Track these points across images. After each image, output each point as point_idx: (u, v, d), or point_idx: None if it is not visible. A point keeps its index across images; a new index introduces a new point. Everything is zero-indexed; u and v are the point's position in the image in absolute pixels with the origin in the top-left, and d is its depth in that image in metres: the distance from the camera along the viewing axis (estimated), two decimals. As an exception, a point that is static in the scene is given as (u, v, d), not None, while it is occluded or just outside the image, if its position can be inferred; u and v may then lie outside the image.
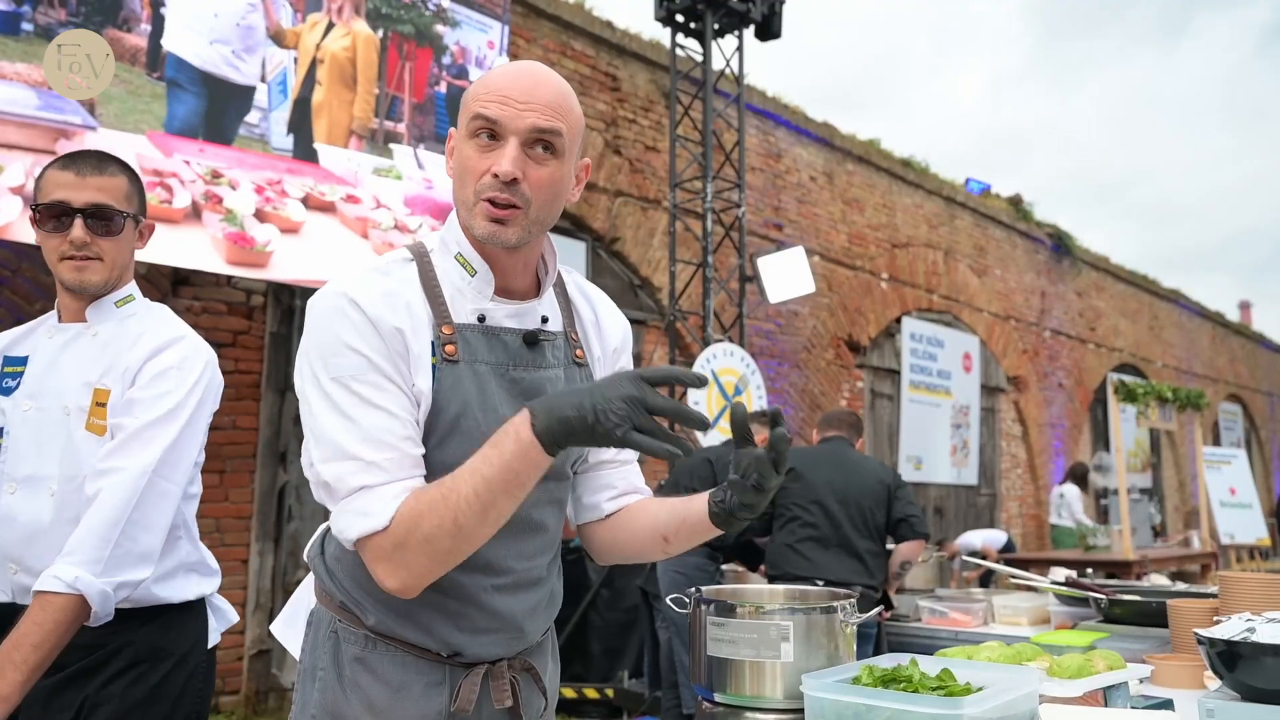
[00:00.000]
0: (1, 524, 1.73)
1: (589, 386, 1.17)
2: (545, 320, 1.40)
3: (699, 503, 1.37)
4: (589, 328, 1.48)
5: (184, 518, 1.84)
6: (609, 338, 1.50)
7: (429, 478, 1.26)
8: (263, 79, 5.05)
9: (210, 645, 1.88)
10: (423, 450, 1.27)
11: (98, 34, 4.37)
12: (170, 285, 5.13)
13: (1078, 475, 9.92)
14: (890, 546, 4.31)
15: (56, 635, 1.56)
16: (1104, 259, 14.41)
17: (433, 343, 1.29)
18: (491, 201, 1.27)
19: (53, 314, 1.89)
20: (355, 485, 1.21)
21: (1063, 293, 13.36)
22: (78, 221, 1.75)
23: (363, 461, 1.21)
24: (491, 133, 1.27)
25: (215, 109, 4.86)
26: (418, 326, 1.28)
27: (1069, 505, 9.52)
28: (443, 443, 1.28)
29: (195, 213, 4.69)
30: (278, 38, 5.13)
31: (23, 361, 1.83)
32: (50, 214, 1.76)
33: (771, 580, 4.15)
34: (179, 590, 1.81)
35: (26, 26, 4.29)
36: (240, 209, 4.83)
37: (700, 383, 1.17)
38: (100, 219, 1.77)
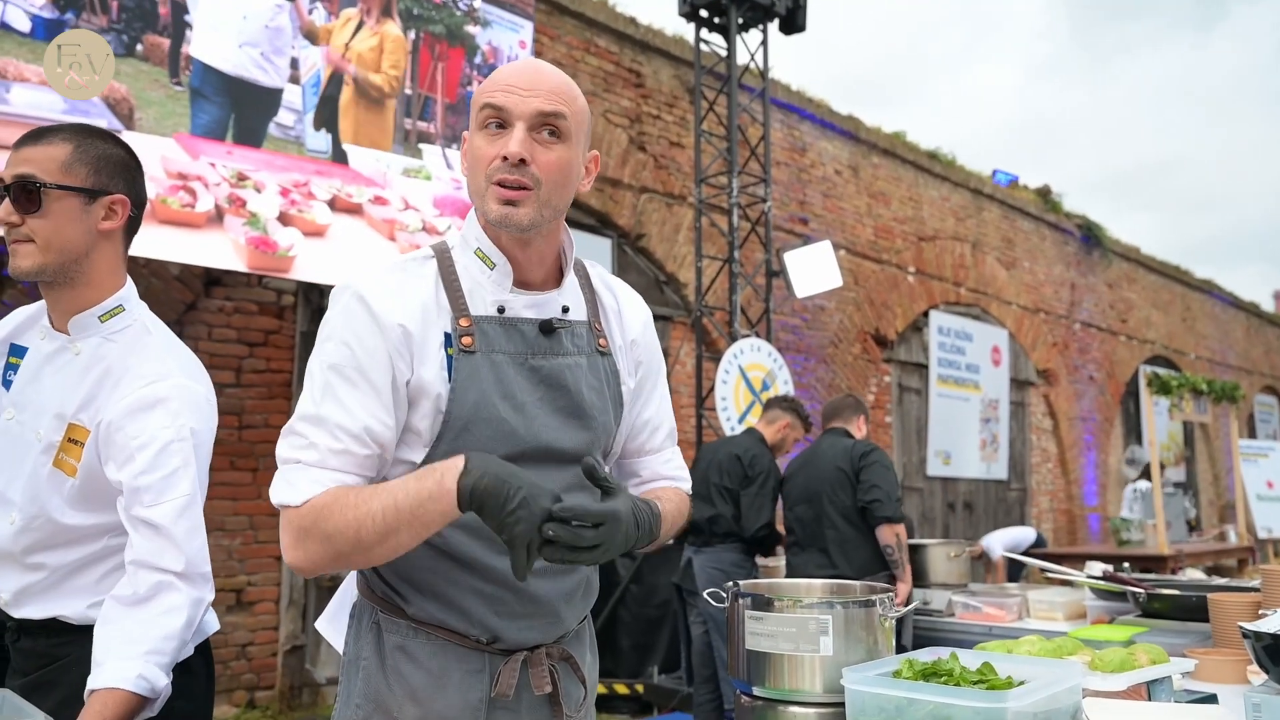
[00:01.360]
0: None
1: (533, 478, 1.18)
2: (566, 310, 1.43)
3: None
4: (612, 317, 1.51)
5: None
6: (629, 327, 1.53)
7: None
8: (295, 81, 5.07)
9: (182, 659, 1.66)
10: (370, 452, 1.30)
11: (98, 34, 4.36)
12: (203, 285, 5.19)
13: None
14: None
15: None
16: (1135, 249, 14.24)
17: (448, 335, 1.33)
18: (502, 184, 1.31)
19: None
20: (290, 457, 1.29)
21: (1093, 284, 13.21)
22: (6, 201, 1.56)
23: (305, 440, 1.29)
24: (499, 121, 1.32)
25: (242, 115, 4.87)
26: (430, 321, 1.33)
27: (1144, 500, 9.36)
28: (465, 431, 1.32)
29: (218, 216, 4.67)
30: (310, 35, 5.15)
31: (23, 354, 1.68)
32: None
33: None
34: None
35: (109, 47, 4.34)
36: (264, 212, 4.81)
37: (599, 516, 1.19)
38: (22, 193, 1.54)
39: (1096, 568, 3.01)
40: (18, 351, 1.68)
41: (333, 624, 1.61)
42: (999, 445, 11.00)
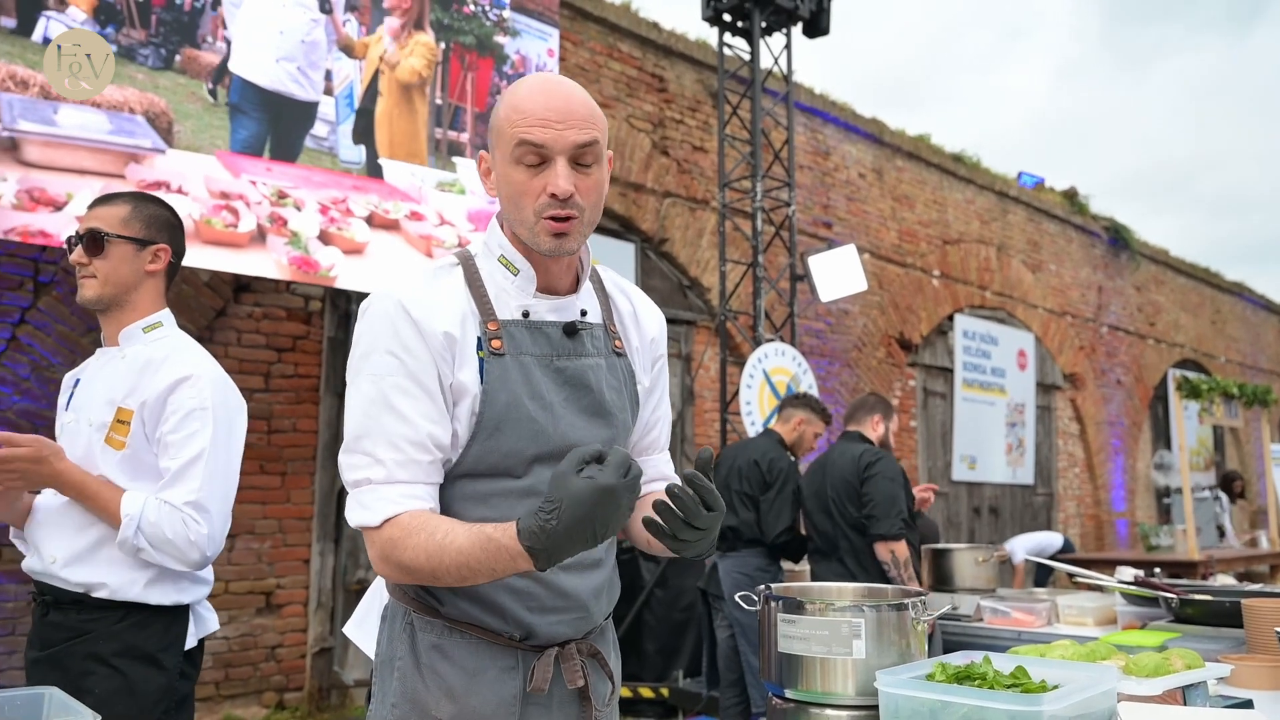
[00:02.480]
0: (35, 514, 2.03)
1: (598, 494, 1.16)
2: (584, 313, 1.48)
3: None
4: (627, 320, 1.56)
5: None
6: (646, 329, 1.58)
7: (486, 464, 1.36)
8: (328, 92, 5.09)
9: (185, 648, 2.04)
10: (434, 458, 1.35)
11: (99, 34, 4.34)
12: (232, 292, 5.25)
13: (1228, 482, 9.73)
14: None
15: (96, 512, 1.94)
16: (1163, 252, 14.09)
17: (479, 338, 1.38)
18: (552, 218, 1.35)
19: None
20: (359, 478, 1.34)
21: (1121, 287, 13.09)
22: (79, 248, 2.04)
23: (371, 457, 1.33)
24: (539, 156, 1.35)
25: (280, 129, 4.89)
26: (466, 326, 1.38)
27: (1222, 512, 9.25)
28: (498, 430, 1.36)
29: (260, 235, 4.70)
30: (347, 49, 5.18)
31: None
32: (70, 243, 2.07)
33: None
34: (164, 594, 1.99)
35: (110, 48, 4.39)
36: (304, 231, 4.83)
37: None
38: (91, 241, 2.03)
39: (1127, 573, 2.98)
40: (77, 383, 2.12)
41: (361, 629, 1.64)
42: (1025, 450, 10.92)
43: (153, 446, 1.97)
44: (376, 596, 1.63)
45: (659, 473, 1.64)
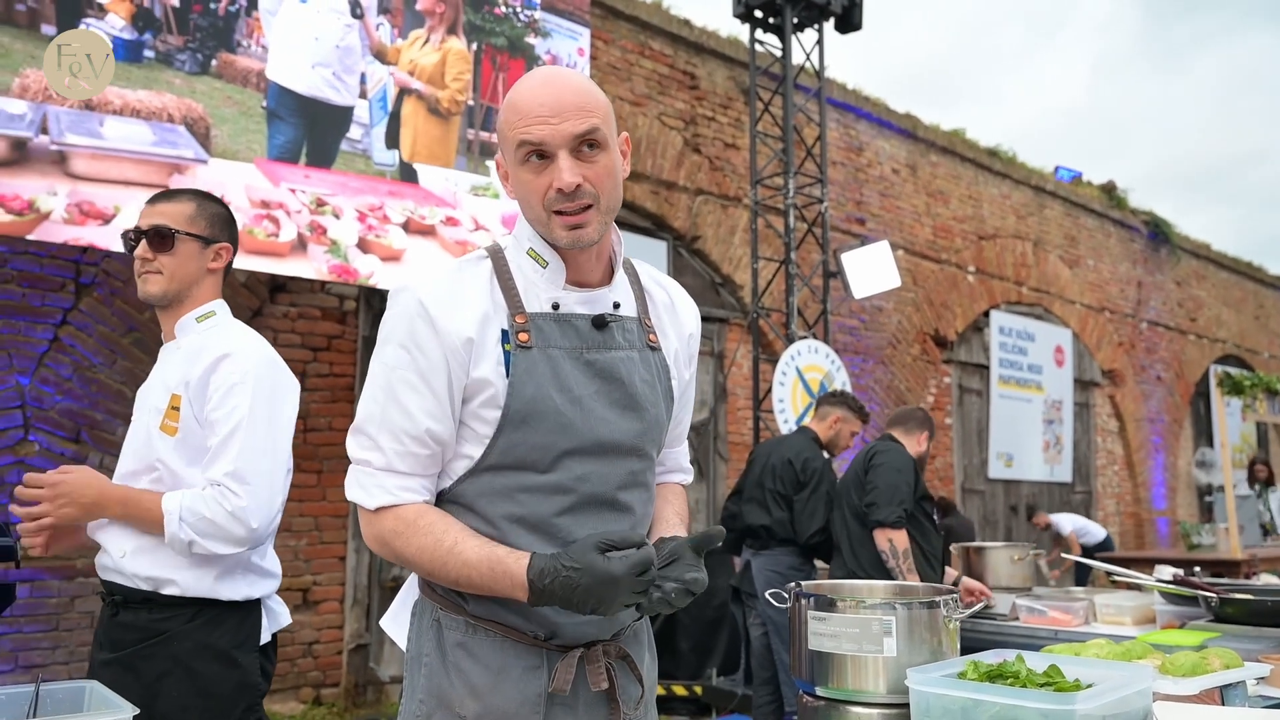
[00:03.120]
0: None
1: (606, 578, 1.26)
2: (617, 306, 1.47)
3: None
4: (664, 313, 1.55)
5: None
6: (684, 323, 1.57)
7: (513, 458, 1.37)
8: (362, 95, 5.12)
9: (260, 644, 2.03)
10: (432, 451, 1.38)
11: (99, 34, 4.31)
12: (268, 292, 5.32)
13: (1251, 467, 9.60)
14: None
15: (141, 522, 1.93)
16: (1204, 246, 13.84)
17: (505, 331, 1.38)
18: (562, 212, 1.35)
19: None
20: (361, 457, 1.39)
21: (1160, 282, 12.87)
22: (143, 242, 2.05)
23: (371, 440, 1.38)
24: (540, 153, 1.35)
25: (316, 134, 4.93)
26: (488, 321, 1.38)
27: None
28: (524, 423, 1.36)
29: (301, 244, 4.75)
30: (380, 55, 5.22)
31: None
32: (128, 239, 2.07)
33: None
34: (234, 589, 1.97)
35: (148, 54, 4.45)
36: (344, 239, 4.87)
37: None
38: (158, 237, 2.04)
39: (1166, 571, 2.94)
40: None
41: (396, 622, 1.66)
42: (1063, 447, 10.78)
43: (203, 429, 1.95)
44: (411, 591, 1.64)
45: (677, 464, 1.67)
